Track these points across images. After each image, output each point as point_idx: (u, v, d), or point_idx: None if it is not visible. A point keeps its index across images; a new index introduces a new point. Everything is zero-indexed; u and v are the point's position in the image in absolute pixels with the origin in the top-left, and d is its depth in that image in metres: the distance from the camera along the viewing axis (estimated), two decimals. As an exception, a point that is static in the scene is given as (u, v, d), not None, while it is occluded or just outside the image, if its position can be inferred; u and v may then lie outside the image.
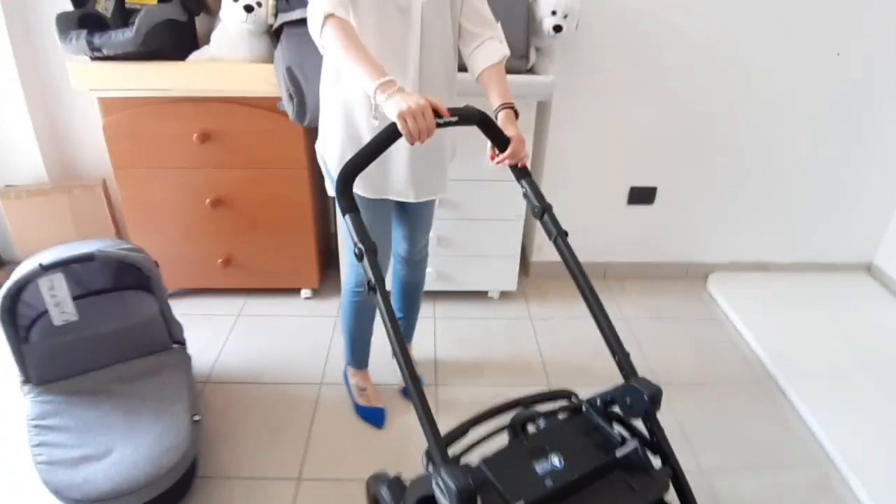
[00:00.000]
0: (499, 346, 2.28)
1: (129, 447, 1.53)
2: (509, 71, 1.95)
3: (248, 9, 1.87)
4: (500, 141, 1.37)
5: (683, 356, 2.29)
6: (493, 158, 1.40)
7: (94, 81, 2.03)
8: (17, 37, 2.28)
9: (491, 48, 1.48)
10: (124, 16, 2.14)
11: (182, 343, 1.86)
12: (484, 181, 2.19)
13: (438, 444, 1.03)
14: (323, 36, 1.29)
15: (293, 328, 2.33)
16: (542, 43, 2.11)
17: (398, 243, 1.84)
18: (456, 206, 2.25)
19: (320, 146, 1.61)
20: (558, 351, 2.24)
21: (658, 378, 2.08)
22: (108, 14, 2.11)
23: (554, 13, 1.98)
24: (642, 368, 1.21)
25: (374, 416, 1.93)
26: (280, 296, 2.48)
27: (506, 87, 1.46)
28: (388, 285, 1.95)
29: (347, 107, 1.47)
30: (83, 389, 1.68)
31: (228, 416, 1.91)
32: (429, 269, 2.31)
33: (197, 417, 1.64)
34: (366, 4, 1.37)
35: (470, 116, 1.29)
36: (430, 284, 2.39)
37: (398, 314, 2.00)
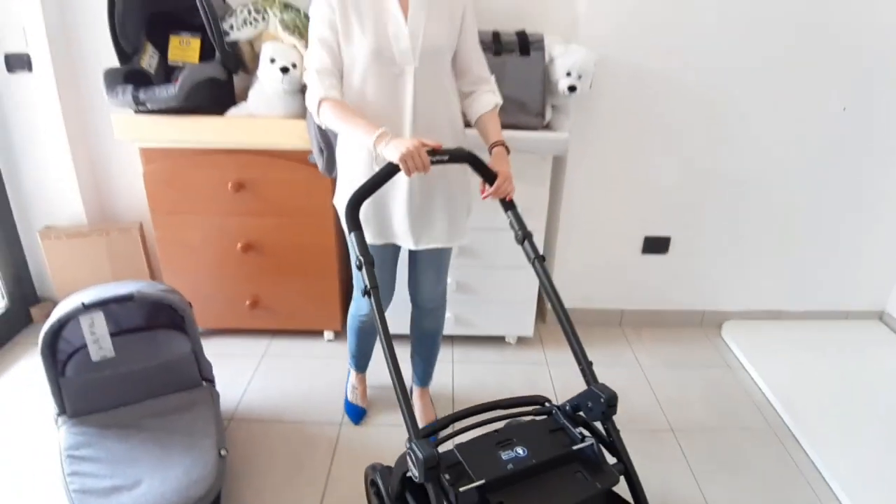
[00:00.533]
0: (515, 390, 2.32)
1: (158, 479, 1.60)
2: (526, 128, 2.09)
3: (284, 70, 2.02)
4: (489, 177, 1.57)
5: (697, 402, 2.32)
6: (482, 191, 1.59)
7: (137, 133, 2.18)
8: (65, 87, 2.45)
9: (485, 99, 1.69)
10: (167, 71, 2.32)
11: (211, 381, 1.94)
12: (502, 230, 2.21)
13: (413, 421, 1.22)
14: (320, 116, 1.53)
15: (315, 369, 2.40)
16: (557, 101, 2.22)
17: (413, 290, 1.95)
18: (474, 253, 2.34)
19: (337, 201, 1.77)
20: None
21: (672, 424, 2.15)
22: (152, 70, 2.28)
23: (569, 74, 2.09)
24: (656, 414, 1.29)
25: (354, 413, 2.16)
26: (303, 337, 2.56)
27: (498, 128, 1.68)
28: (396, 328, 2.04)
29: (355, 166, 1.65)
30: (116, 423, 1.76)
31: (251, 453, 1.97)
32: (448, 314, 2.39)
33: (224, 452, 1.70)
34: (363, 74, 1.55)
35: (460, 156, 1.50)
36: (448, 329, 2.45)
37: (416, 357, 2.10)
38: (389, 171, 1.44)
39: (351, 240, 1.43)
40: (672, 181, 2.55)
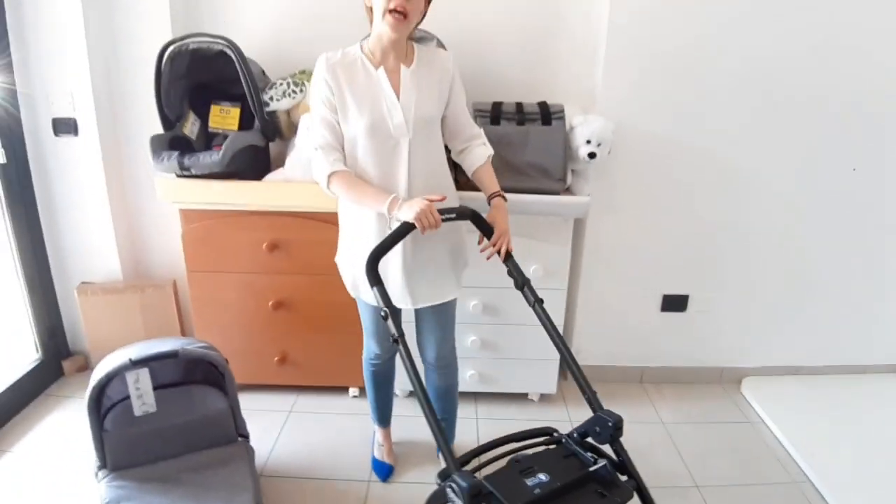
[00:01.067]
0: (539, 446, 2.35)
1: (198, 534, 1.63)
2: (549, 192, 2.19)
3: (322, 137, 2.14)
4: (487, 232, 1.72)
5: (720, 459, 2.33)
6: (480, 243, 1.75)
7: (179, 196, 2.29)
8: (108, 150, 2.57)
9: (478, 152, 1.83)
10: (207, 138, 2.45)
11: (246, 436, 1.99)
12: (525, 289, 2.34)
13: (452, 456, 1.35)
14: (331, 189, 1.67)
15: (341, 425, 2.44)
16: (578, 166, 2.33)
17: (422, 349, 2.03)
18: (497, 311, 2.40)
19: (339, 259, 1.92)
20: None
21: (696, 480, 2.16)
22: (194, 137, 2.42)
23: (588, 142, 2.21)
24: (681, 471, 1.37)
25: (381, 470, 2.18)
26: (329, 393, 2.60)
27: (494, 179, 1.83)
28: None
29: (357, 226, 1.79)
30: (155, 477, 1.80)
31: (282, 510, 2.00)
32: (471, 371, 2.45)
33: (260, 508, 1.74)
34: (361, 147, 1.69)
35: (464, 213, 1.67)
36: (472, 386, 2.51)
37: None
38: (404, 229, 1.60)
39: (374, 293, 1.57)
40: (688, 240, 2.63)
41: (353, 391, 2.61)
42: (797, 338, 2.83)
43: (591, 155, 2.21)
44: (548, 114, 2.26)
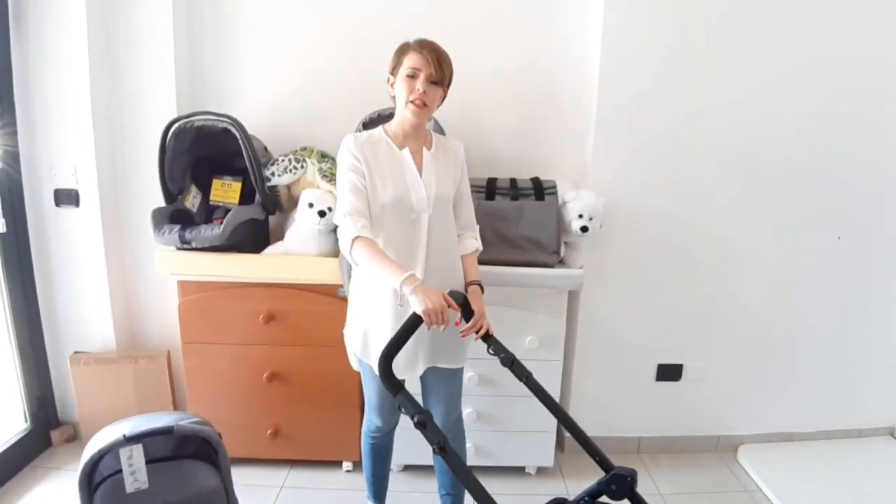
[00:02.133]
0: (536, 522, 2.31)
1: None
2: (543, 265, 2.24)
3: (321, 214, 2.20)
4: (468, 314, 1.75)
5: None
6: (457, 325, 1.77)
7: (178, 268, 2.31)
8: (108, 222, 2.60)
9: (468, 243, 1.94)
10: (208, 211, 2.49)
11: (238, 515, 1.94)
12: (522, 360, 2.35)
13: None
14: (353, 254, 1.67)
15: (335, 500, 2.38)
16: (571, 239, 2.38)
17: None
18: (493, 383, 2.40)
19: (347, 332, 1.93)
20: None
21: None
22: (195, 209, 2.46)
23: (581, 216, 2.27)
24: None
25: None
26: (322, 468, 2.55)
27: (476, 269, 1.93)
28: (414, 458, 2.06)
29: (366, 300, 1.82)
30: (145, 557, 1.74)
31: None
32: (468, 444, 2.42)
33: None
34: (386, 218, 1.76)
35: (458, 300, 1.66)
36: (469, 459, 2.47)
37: (442, 491, 2.10)
38: (413, 323, 1.58)
39: (399, 400, 1.53)
40: (681, 310, 2.67)
41: (346, 465, 2.56)
42: (790, 404, 2.84)
43: (584, 229, 2.27)
44: (541, 189, 2.33)
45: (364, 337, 1.84)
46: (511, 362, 1.72)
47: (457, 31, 1.80)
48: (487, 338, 1.76)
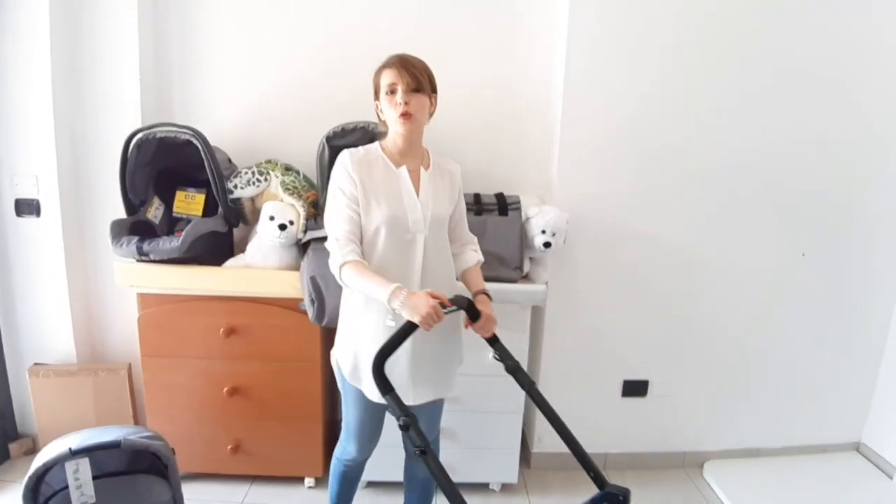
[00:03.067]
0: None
1: None
2: (506, 280, 2.23)
3: (282, 227, 2.18)
4: (475, 316, 1.75)
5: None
6: (467, 326, 1.78)
7: (137, 280, 2.28)
8: (70, 232, 2.57)
9: (469, 256, 1.93)
10: (171, 222, 2.47)
11: (191, 533, 1.91)
12: (484, 375, 2.32)
13: None
14: (342, 278, 1.66)
15: (295, 518, 2.36)
16: (535, 254, 2.38)
17: (407, 442, 1.98)
18: (457, 399, 2.37)
19: (336, 352, 1.87)
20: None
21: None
22: (157, 221, 2.43)
23: (543, 232, 2.28)
24: None
25: None
26: (284, 483, 2.52)
27: (481, 280, 1.91)
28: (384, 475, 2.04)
29: (359, 321, 1.78)
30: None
31: None
32: (431, 461, 2.39)
33: None
34: (381, 239, 1.72)
35: (462, 303, 1.68)
36: (431, 475, 2.45)
37: (409, 506, 2.09)
38: (408, 329, 1.58)
39: (387, 400, 1.55)
40: (646, 325, 2.67)
41: (308, 482, 2.53)
42: (756, 419, 2.85)
43: (547, 244, 2.27)
44: (504, 205, 2.34)
45: (354, 359, 1.80)
46: (515, 370, 1.72)
47: (422, 51, 1.79)
48: (493, 342, 1.77)
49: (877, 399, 2.87)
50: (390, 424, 1.97)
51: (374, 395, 1.75)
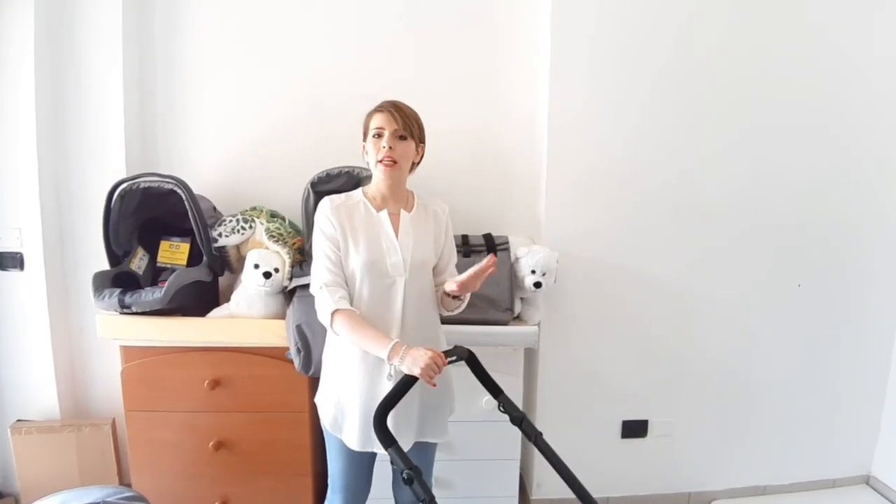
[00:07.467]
0: None
1: None
2: (497, 322, 2.18)
3: (267, 275, 2.14)
4: (482, 375, 1.72)
5: None
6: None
7: (119, 333, 2.24)
8: (54, 286, 2.52)
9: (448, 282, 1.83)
10: (156, 272, 2.43)
11: None
12: (479, 422, 2.27)
13: None
14: (334, 328, 1.63)
15: (285, 578, 2.26)
16: (526, 295, 2.34)
17: (397, 494, 1.97)
18: (452, 448, 2.31)
19: (319, 399, 1.84)
20: None
21: None
22: (141, 272, 2.39)
23: (533, 272, 2.24)
24: None
25: None
26: (273, 539, 2.43)
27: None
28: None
29: (342, 367, 1.75)
30: None
31: None
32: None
33: None
34: (359, 283, 1.71)
35: (462, 354, 1.67)
36: (426, 528, 2.36)
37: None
38: (408, 381, 1.56)
39: (390, 454, 1.51)
40: (643, 364, 2.62)
41: (299, 537, 2.44)
42: (762, 456, 2.77)
43: (537, 284, 2.23)
44: (493, 245, 2.31)
45: (335, 409, 1.76)
46: (521, 421, 1.69)
47: (409, 96, 1.79)
48: (497, 395, 1.72)
49: (884, 430, 2.80)
50: (378, 478, 1.92)
51: (355, 443, 1.72)
